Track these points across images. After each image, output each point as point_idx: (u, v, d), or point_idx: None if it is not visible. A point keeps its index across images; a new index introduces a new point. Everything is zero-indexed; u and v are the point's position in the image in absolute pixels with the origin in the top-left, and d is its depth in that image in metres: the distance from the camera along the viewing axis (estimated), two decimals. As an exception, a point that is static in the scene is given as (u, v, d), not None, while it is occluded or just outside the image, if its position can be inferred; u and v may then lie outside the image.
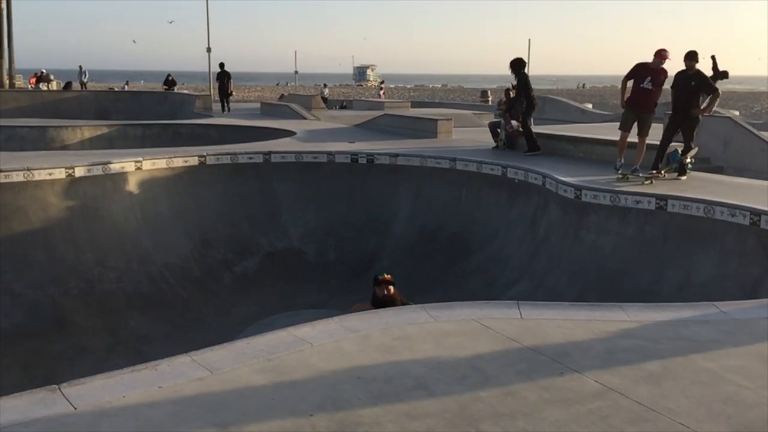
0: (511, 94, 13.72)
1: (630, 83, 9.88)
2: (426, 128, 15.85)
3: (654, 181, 9.54)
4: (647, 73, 9.62)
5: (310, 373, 3.91)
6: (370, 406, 3.51)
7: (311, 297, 10.86)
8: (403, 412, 3.45)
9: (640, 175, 9.71)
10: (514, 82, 12.98)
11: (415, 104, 30.42)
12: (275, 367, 3.98)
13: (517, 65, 12.81)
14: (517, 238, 10.51)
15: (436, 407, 3.51)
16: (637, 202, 8.76)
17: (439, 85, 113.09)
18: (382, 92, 49.36)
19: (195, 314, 10.20)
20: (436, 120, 15.97)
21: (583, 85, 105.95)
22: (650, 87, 9.63)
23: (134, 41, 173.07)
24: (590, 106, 30.96)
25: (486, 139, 14.14)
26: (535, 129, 13.29)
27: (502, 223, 10.96)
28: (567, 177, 9.79)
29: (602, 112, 28.39)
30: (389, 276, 6.89)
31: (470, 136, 15.90)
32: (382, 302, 6.55)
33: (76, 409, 3.42)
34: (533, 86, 13.18)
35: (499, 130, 13.32)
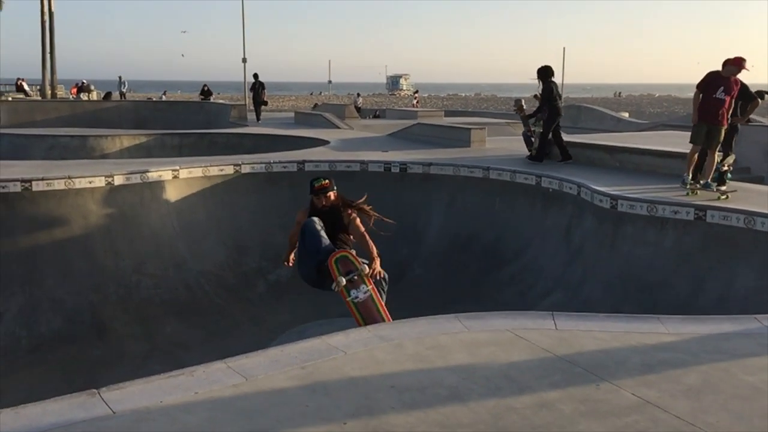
0: (523, 104, 13.75)
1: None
2: (459, 137, 15.82)
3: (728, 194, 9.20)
4: (720, 82, 9.15)
5: (344, 382, 3.93)
6: (403, 416, 3.51)
7: (343, 306, 10.83)
8: (437, 422, 3.45)
9: (714, 189, 9.31)
10: (540, 91, 12.89)
11: (449, 113, 30.39)
12: (309, 375, 4.01)
13: (544, 73, 12.72)
14: (551, 248, 10.41)
15: (470, 418, 3.50)
16: (675, 213, 8.62)
17: (473, 94, 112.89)
18: (415, 101, 49.44)
19: (229, 321, 10.30)
20: (470, 129, 15.93)
21: (619, 93, 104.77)
22: (723, 97, 9.14)
23: (182, 55, 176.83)
24: (626, 114, 30.61)
25: (520, 148, 14.05)
26: (569, 138, 13.16)
27: (536, 233, 10.87)
28: (602, 186, 9.68)
29: (638, 120, 28.03)
30: (327, 181, 6.06)
31: (504, 145, 15.82)
32: (322, 213, 6.02)
33: (114, 413, 3.49)
34: (568, 94, 13.09)
35: (533, 139, 13.23)
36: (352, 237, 6.22)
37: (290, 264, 6.78)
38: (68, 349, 9.16)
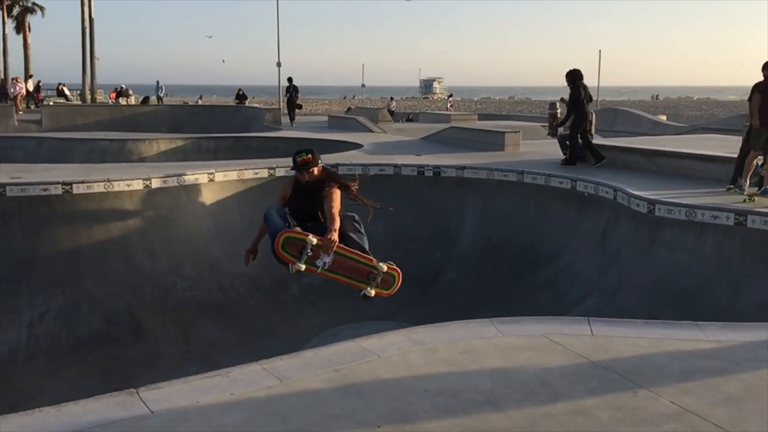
0: (558, 108, 13.60)
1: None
2: (493, 141, 15.73)
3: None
4: None
5: (378, 385, 3.94)
6: (437, 420, 3.51)
7: (376, 309, 10.87)
8: (471, 427, 3.43)
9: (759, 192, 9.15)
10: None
11: (482, 117, 30.26)
12: (343, 378, 4.02)
13: (573, 76, 12.57)
14: (586, 252, 10.29)
15: (505, 423, 3.47)
16: (715, 218, 8.45)
17: (506, 98, 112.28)
18: (449, 104, 49.31)
19: (264, 324, 10.39)
20: (504, 132, 15.84)
21: (657, 96, 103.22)
22: None
23: (223, 61, 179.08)
24: (664, 118, 30.14)
25: (555, 151, 13.92)
26: (605, 141, 12.99)
27: (571, 238, 10.75)
28: (639, 191, 9.54)
29: (677, 124, 27.59)
30: (309, 156, 5.66)
31: (538, 148, 15.69)
32: (305, 188, 5.72)
33: (152, 412, 3.54)
34: (604, 97, 12.96)
35: (568, 143, 13.10)
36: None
37: (247, 261, 6.35)
38: (106, 349, 9.34)
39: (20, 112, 28.61)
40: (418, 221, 12.32)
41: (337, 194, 5.65)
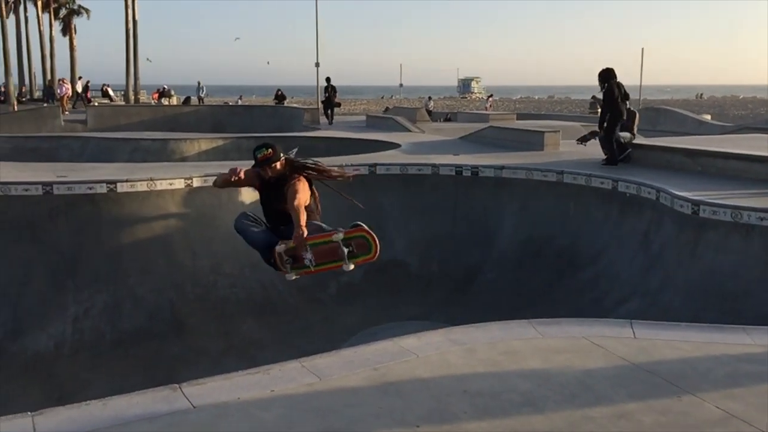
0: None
1: None
2: (532, 140, 15.58)
3: None
4: None
5: (416, 384, 3.94)
6: (476, 421, 3.49)
7: (414, 309, 10.90)
8: (511, 429, 3.41)
9: None
10: (599, 97, 12.55)
11: (521, 116, 29.98)
12: (381, 376, 4.03)
13: (605, 75, 12.34)
14: (628, 254, 10.12)
15: (545, 425, 3.44)
16: (762, 219, 8.22)
17: (546, 97, 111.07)
18: (488, 104, 49.00)
19: (302, 322, 10.48)
20: (543, 132, 15.67)
21: (701, 95, 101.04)
22: None
23: (268, 62, 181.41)
24: (708, 117, 29.43)
25: (595, 152, 13.72)
26: (647, 141, 12.74)
27: (612, 239, 10.59)
28: (683, 191, 9.35)
29: (722, 123, 26.93)
30: (270, 150, 5.33)
31: (579, 148, 15.46)
32: (269, 184, 5.42)
33: (195, 407, 3.60)
34: (646, 96, 12.72)
35: (612, 143, 12.89)
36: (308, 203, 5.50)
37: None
38: (149, 345, 9.53)
39: (66, 113, 29.37)
40: (456, 221, 12.28)
41: (300, 185, 5.32)
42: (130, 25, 41.00)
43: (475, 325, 5.04)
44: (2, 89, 38.32)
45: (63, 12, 50.87)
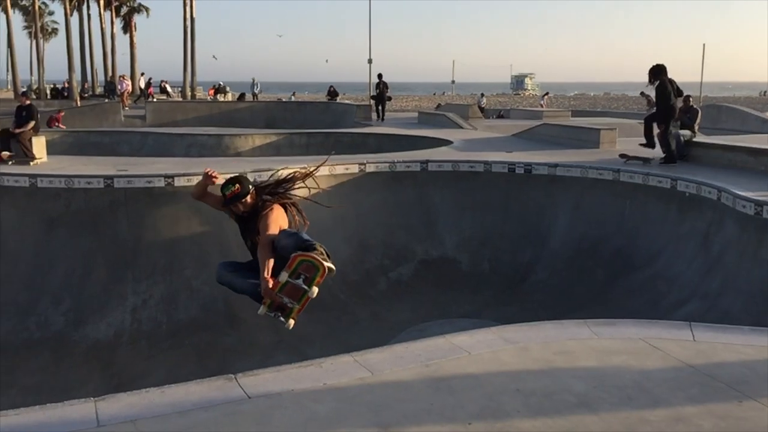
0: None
1: None
2: (588, 138, 15.30)
3: None
4: None
5: (468, 382, 3.91)
6: (529, 420, 3.45)
7: (464, 306, 10.84)
8: (565, 429, 3.36)
9: None
10: (650, 93, 12.23)
11: (576, 113, 29.49)
12: (433, 373, 4.03)
13: (656, 72, 11.99)
14: (687, 255, 9.84)
15: (600, 427, 3.38)
16: (830, 221, 7.90)
17: (601, 93, 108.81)
18: (543, 102, 48.27)
19: (351, 317, 10.53)
20: (599, 129, 15.37)
21: (765, 92, 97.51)
22: None
23: (326, 60, 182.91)
24: (773, 115, 28.34)
25: (654, 150, 13.39)
26: (708, 139, 12.37)
27: (670, 239, 10.32)
28: (746, 191, 9.05)
29: (787, 121, 25.91)
30: (237, 186, 4.85)
31: (636, 146, 15.11)
32: (242, 220, 5.04)
33: (249, 397, 3.67)
34: (707, 93, 12.35)
35: (669, 140, 12.56)
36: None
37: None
38: (203, 336, 9.73)
39: (126, 108, 30.19)
40: (508, 219, 12.16)
41: (271, 217, 4.84)
42: (188, 23, 41.85)
43: (528, 323, 4.98)
44: (66, 85, 39.69)
45: (124, 10, 52.32)
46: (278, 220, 4.90)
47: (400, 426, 3.38)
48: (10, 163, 11.95)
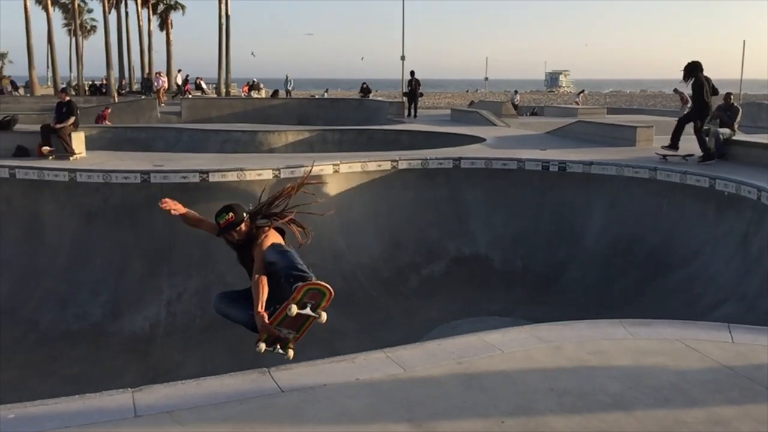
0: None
1: None
2: (624, 136, 15.08)
3: None
4: None
5: (501, 380, 3.90)
6: (563, 419, 3.42)
7: (496, 304, 10.78)
8: (600, 430, 3.33)
9: None
10: (684, 90, 11.98)
11: (611, 111, 29.06)
12: (465, 370, 4.02)
13: (692, 69, 11.74)
14: (725, 256, 9.65)
15: (635, 428, 3.34)
16: None
17: (638, 91, 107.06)
18: (578, 99, 47.65)
19: (383, 313, 10.55)
20: (635, 127, 15.14)
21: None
22: None
23: (362, 58, 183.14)
24: (816, 113, 27.59)
25: (691, 148, 13.15)
26: (748, 137, 12.10)
27: (707, 239, 10.13)
28: (788, 191, 8.84)
29: (831, 119, 25.21)
30: (231, 215, 4.74)
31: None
32: (238, 248, 4.92)
33: (283, 391, 3.70)
34: (746, 91, 12.08)
35: (707, 138, 12.33)
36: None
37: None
38: (236, 330, 9.71)
39: (162, 104, 30.61)
40: (542, 217, 12.06)
41: (266, 244, 4.74)
42: (223, 21, 42.27)
43: (562, 322, 4.94)
44: (104, 82, 40.39)
45: (161, 7, 52.99)
46: (281, 235, 4.93)
47: (432, 423, 3.38)
48: (50, 157, 12.22)
